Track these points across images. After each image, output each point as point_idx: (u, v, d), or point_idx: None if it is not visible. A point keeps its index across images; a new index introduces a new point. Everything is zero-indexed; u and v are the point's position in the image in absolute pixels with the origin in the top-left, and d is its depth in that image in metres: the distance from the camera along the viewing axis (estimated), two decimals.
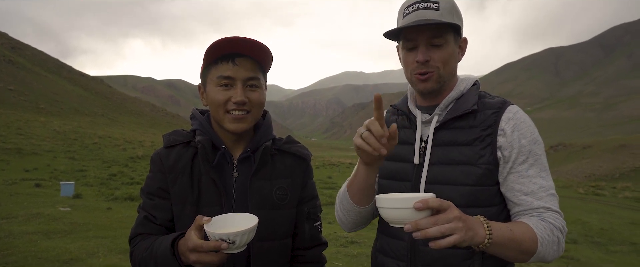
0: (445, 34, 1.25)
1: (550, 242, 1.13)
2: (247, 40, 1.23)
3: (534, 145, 1.23)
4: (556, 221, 1.17)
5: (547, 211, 1.19)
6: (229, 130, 1.28)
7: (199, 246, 1.02)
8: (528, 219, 1.17)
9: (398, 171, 1.36)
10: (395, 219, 0.98)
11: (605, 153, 66.07)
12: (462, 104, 1.30)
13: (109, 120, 64.61)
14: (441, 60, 1.26)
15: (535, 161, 1.22)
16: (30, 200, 9.90)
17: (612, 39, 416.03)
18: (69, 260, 5.09)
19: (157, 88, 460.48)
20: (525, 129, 1.23)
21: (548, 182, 1.22)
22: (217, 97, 1.25)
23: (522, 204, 1.21)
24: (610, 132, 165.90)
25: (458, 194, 1.23)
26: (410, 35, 1.27)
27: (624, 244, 10.29)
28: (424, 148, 1.32)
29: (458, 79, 1.37)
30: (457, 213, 0.98)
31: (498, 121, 1.25)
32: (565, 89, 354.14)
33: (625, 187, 30.78)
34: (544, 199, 1.19)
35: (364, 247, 7.47)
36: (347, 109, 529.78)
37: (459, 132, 1.27)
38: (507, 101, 1.30)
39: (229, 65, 1.24)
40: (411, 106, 1.40)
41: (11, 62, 72.23)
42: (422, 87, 1.29)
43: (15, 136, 26.24)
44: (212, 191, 1.27)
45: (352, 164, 38.60)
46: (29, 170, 17.59)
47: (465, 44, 1.34)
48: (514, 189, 1.22)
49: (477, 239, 1.01)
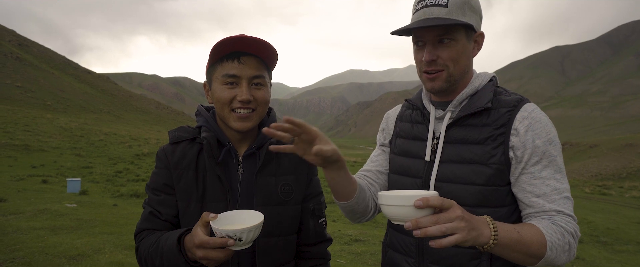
0: (454, 32, 1.21)
1: (560, 246, 1.09)
2: (252, 38, 1.23)
3: (550, 145, 1.18)
4: (568, 224, 1.12)
5: (559, 214, 1.14)
6: (234, 128, 1.28)
7: (206, 243, 1.03)
8: (538, 222, 1.13)
9: (409, 167, 1.35)
10: (396, 217, 0.98)
11: (612, 152, 65.57)
12: (476, 101, 1.26)
13: (114, 117, 64.93)
14: (449, 58, 1.23)
15: (549, 162, 1.18)
16: (38, 196, 9.98)
17: (619, 38, 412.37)
18: (76, 256, 5.13)
19: (163, 85, 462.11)
20: (540, 129, 1.19)
21: (562, 184, 1.17)
22: (222, 95, 1.26)
23: (533, 205, 1.17)
24: (617, 131, 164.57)
25: (468, 193, 1.21)
26: (418, 33, 1.25)
27: (630, 243, 10.22)
28: (436, 145, 1.30)
29: (473, 75, 1.33)
30: (460, 212, 0.95)
31: (512, 120, 1.21)
32: (571, 88, 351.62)
33: (632, 186, 30.56)
34: (557, 201, 1.15)
35: (368, 245, 7.48)
36: (352, 107, 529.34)
37: (471, 130, 1.25)
38: (524, 99, 1.26)
39: (235, 64, 1.25)
40: (425, 101, 1.38)
41: (19, 59, 72.72)
42: (430, 86, 1.28)
43: (23, 133, 26.44)
44: (217, 187, 1.28)
45: (356, 162, 38.56)
46: (36, 166, 17.72)
47: (482, 38, 1.30)
48: (525, 190, 1.18)
49: (481, 240, 0.98)
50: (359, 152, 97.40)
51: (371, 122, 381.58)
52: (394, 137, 1.48)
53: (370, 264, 6.18)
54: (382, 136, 1.55)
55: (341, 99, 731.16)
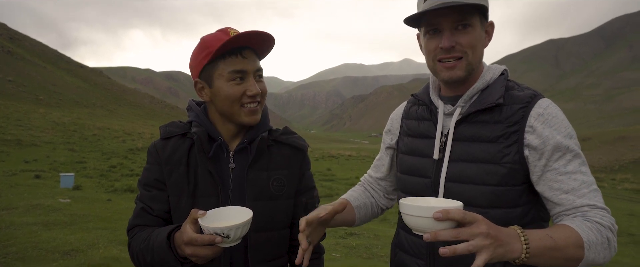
0: (471, 16, 1.15)
1: (599, 244, 1.01)
2: (254, 32, 1.23)
3: (570, 140, 1.13)
4: (603, 218, 1.05)
5: (593, 209, 1.07)
6: (245, 123, 1.29)
7: (194, 240, 1.03)
8: (571, 221, 1.05)
9: (417, 166, 1.29)
10: (416, 227, 0.93)
11: (605, 145, 66.17)
12: (488, 96, 1.20)
13: (108, 111, 64.56)
14: (469, 45, 1.16)
15: (573, 156, 1.12)
16: (30, 191, 9.92)
17: (613, 31, 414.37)
18: (69, 251, 5.12)
19: (156, 80, 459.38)
20: (559, 124, 1.13)
21: (589, 177, 1.11)
22: (231, 92, 1.24)
23: (563, 203, 1.10)
24: (610, 124, 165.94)
25: (479, 194, 1.15)
26: (433, 20, 1.17)
27: (621, 235, 10.35)
28: (444, 142, 1.23)
29: (484, 68, 1.26)
30: (485, 228, 0.86)
31: (526, 117, 1.14)
32: (565, 81, 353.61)
33: (624, 178, 30.91)
34: (587, 195, 1.08)
35: (363, 238, 7.51)
36: (347, 101, 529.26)
37: (483, 127, 1.18)
38: (538, 94, 1.19)
39: (239, 59, 1.24)
40: (433, 96, 1.31)
41: (10, 53, 71.96)
42: (448, 75, 1.19)
43: (15, 127, 26.22)
44: (208, 182, 1.27)
45: (351, 156, 38.61)
46: (29, 161, 17.60)
47: (492, 28, 1.25)
48: (552, 187, 1.11)
49: (511, 255, 0.90)
50: (354, 146, 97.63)
51: (366, 116, 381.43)
52: (400, 136, 1.42)
53: (364, 257, 6.21)
54: (388, 137, 1.49)
55: (336, 92, 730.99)
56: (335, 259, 5.88)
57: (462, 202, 0.95)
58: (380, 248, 6.71)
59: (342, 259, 5.95)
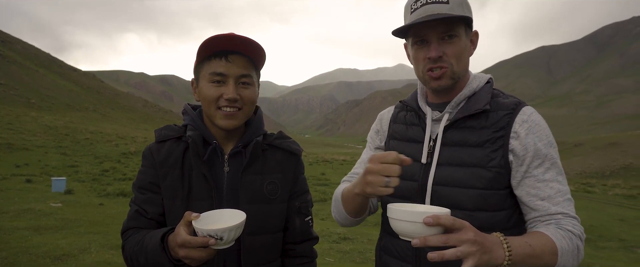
0: (457, 27, 1.20)
1: (570, 251, 1.08)
2: (240, 37, 1.24)
3: (550, 148, 1.18)
4: (574, 228, 1.12)
5: (565, 217, 1.13)
6: (220, 126, 1.29)
7: (187, 242, 1.03)
8: (546, 228, 1.11)
9: (405, 170, 1.28)
10: (403, 232, 0.94)
11: (596, 151, 66.70)
12: (474, 103, 1.25)
13: (100, 115, 64.13)
14: (454, 55, 1.21)
15: (551, 165, 1.17)
16: (21, 196, 9.82)
17: (604, 38, 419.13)
18: (61, 256, 5.07)
19: (150, 84, 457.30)
20: (541, 132, 1.19)
21: (564, 186, 1.17)
22: (208, 93, 1.26)
23: (538, 209, 1.16)
24: (601, 130, 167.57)
25: (466, 197, 1.19)
26: (420, 32, 1.22)
27: (612, 240, 10.43)
28: (433, 147, 1.27)
29: (470, 76, 1.31)
30: (472, 235, 0.90)
31: (511, 123, 1.20)
32: (557, 87, 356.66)
33: (615, 184, 31.19)
34: (561, 204, 1.14)
35: (357, 243, 7.51)
36: (341, 106, 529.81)
37: (470, 133, 1.23)
38: (522, 102, 1.25)
39: (222, 62, 1.25)
40: (421, 103, 1.36)
41: (2, 56, 71.35)
42: (436, 84, 1.24)
43: (6, 131, 25.96)
44: (202, 186, 1.28)
45: (345, 161, 38.61)
46: (20, 165, 17.42)
47: (477, 38, 1.30)
48: (529, 193, 1.17)
49: (495, 262, 0.94)
50: (348, 151, 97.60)
51: (360, 121, 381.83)
52: (388, 139, 1.45)
53: (358, 262, 6.20)
54: (377, 137, 1.50)
55: (330, 97, 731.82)
56: (328, 263, 5.88)
57: (449, 205, 0.97)
58: (373, 253, 6.71)
59: (336, 263, 5.95)
